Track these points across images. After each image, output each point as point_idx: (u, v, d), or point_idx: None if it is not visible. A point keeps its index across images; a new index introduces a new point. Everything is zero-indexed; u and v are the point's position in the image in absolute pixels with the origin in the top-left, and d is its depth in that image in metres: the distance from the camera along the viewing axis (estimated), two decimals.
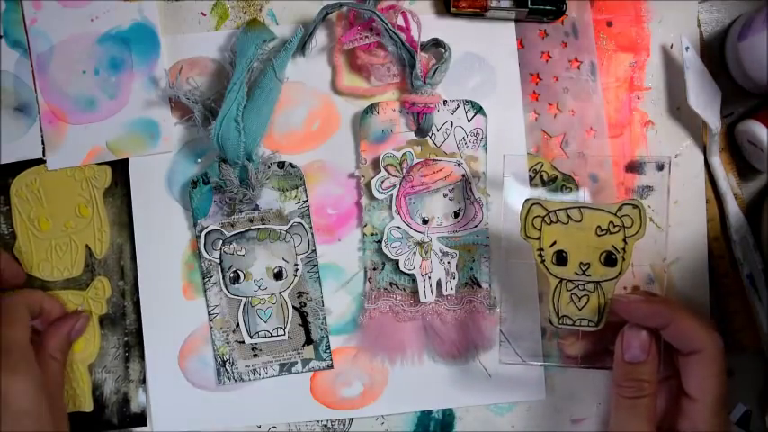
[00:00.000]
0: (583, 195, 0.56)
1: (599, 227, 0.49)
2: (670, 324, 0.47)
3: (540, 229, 0.49)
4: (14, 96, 0.59)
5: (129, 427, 0.60)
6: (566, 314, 0.50)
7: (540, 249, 0.49)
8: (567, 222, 0.49)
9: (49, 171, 0.59)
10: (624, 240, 0.49)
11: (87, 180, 0.59)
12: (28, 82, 0.59)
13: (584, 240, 0.49)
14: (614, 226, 0.49)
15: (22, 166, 0.59)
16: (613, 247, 0.49)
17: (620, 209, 0.49)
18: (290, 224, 0.58)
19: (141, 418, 0.60)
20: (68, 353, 0.58)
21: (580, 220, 0.49)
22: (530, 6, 0.57)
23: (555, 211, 0.49)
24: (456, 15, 0.58)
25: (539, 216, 0.49)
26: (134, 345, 0.60)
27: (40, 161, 0.59)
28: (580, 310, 0.49)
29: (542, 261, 0.50)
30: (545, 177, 0.59)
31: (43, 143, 0.59)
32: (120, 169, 0.59)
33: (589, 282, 0.49)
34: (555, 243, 0.49)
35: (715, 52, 0.60)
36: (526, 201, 0.49)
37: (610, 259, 0.49)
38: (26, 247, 0.60)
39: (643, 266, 0.59)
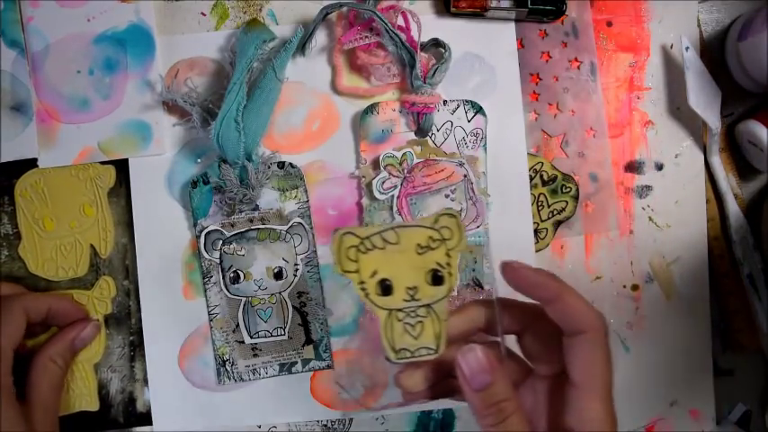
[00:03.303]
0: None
1: (419, 245, 0.44)
2: (557, 299, 0.43)
3: (357, 260, 0.44)
4: (11, 95, 0.59)
5: (135, 427, 0.60)
6: (403, 347, 0.44)
7: (362, 282, 0.44)
8: (384, 247, 0.44)
9: (54, 171, 0.59)
10: (447, 254, 0.44)
11: (92, 180, 0.59)
12: (25, 81, 0.59)
13: (407, 263, 0.44)
14: (434, 240, 0.44)
15: (25, 166, 0.59)
16: (437, 263, 0.44)
17: (436, 221, 0.44)
18: (290, 224, 0.58)
19: (147, 418, 0.60)
20: (72, 359, 0.58)
21: (397, 242, 0.44)
22: (530, 6, 0.57)
23: (369, 237, 0.44)
24: (456, 15, 0.58)
25: (353, 246, 0.44)
26: (139, 344, 0.60)
27: None
28: (416, 338, 0.44)
29: (366, 295, 0.44)
30: (545, 177, 0.59)
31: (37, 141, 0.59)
32: (124, 169, 0.59)
33: (420, 306, 0.44)
34: (376, 272, 0.44)
35: (715, 52, 0.60)
36: (335, 231, 0.45)
37: (436, 277, 0.44)
38: (31, 247, 0.59)
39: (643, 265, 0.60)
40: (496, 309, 0.45)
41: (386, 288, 0.44)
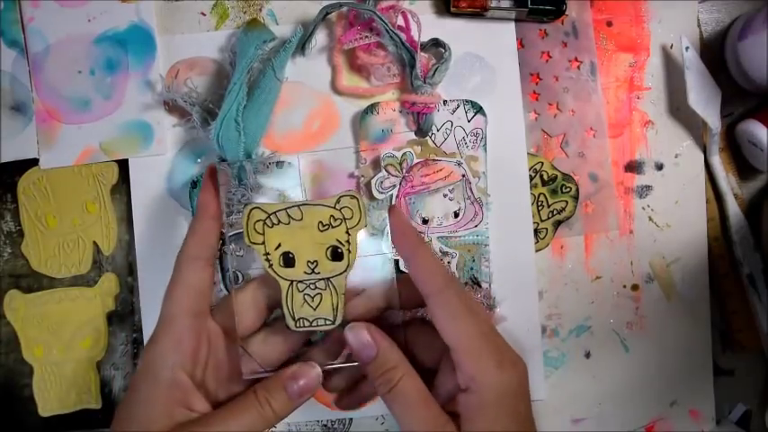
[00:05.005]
0: (303, 194, 0.54)
1: (320, 222, 0.48)
2: (413, 256, 0.45)
3: (264, 233, 0.48)
4: (11, 96, 0.59)
5: None
6: (302, 316, 0.48)
7: (267, 254, 0.48)
8: (289, 222, 0.48)
9: (56, 168, 0.59)
10: (347, 232, 0.48)
11: (94, 177, 0.59)
12: (24, 81, 0.59)
13: (309, 238, 0.48)
14: (335, 219, 0.48)
15: (27, 164, 0.59)
16: (338, 240, 0.48)
17: (338, 201, 0.48)
18: None
19: None
20: (285, 409, 0.47)
21: (301, 219, 0.48)
22: (530, 6, 0.57)
23: (275, 212, 0.48)
24: (456, 15, 0.58)
25: (260, 220, 0.48)
26: (142, 341, 0.60)
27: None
28: (315, 309, 0.48)
29: (270, 266, 0.48)
30: (545, 177, 0.59)
31: (37, 142, 0.59)
32: (126, 166, 0.59)
33: (320, 279, 0.48)
34: (280, 245, 0.48)
35: (715, 52, 0.60)
36: (245, 206, 0.48)
37: (336, 254, 0.48)
38: (34, 245, 0.60)
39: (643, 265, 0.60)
40: (394, 285, 0.48)
41: (288, 260, 0.48)
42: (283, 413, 0.47)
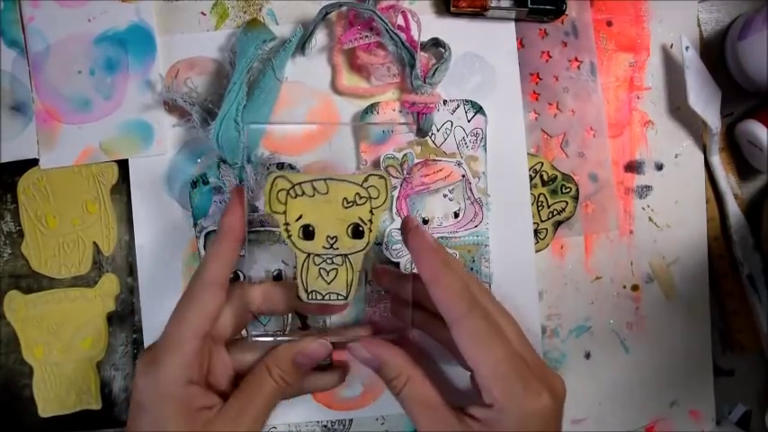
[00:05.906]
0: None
1: (345, 198, 0.47)
2: (435, 281, 0.45)
3: (286, 203, 0.47)
4: (11, 96, 0.59)
5: None
6: (314, 289, 0.48)
7: (287, 224, 0.47)
8: (314, 195, 0.47)
9: (56, 168, 0.59)
10: (371, 212, 0.48)
11: (94, 177, 0.59)
12: (25, 81, 0.59)
13: (331, 213, 0.47)
14: (361, 197, 0.47)
15: (27, 164, 0.59)
16: (360, 218, 0.47)
17: (366, 179, 0.47)
18: None
19: None
20: (294, 378, 0.49)
21: (326, 193, 0.47)
22: (530, 6, 0.57)
23: (300, 183, 0.47)
24: (456, 15, 0.58)
25: (283, 189, 0.47)
26: (142, 342, 0.60)
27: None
28: (329, 284, 0.48)
29: (289, 236, 0.47)
30: (545, 177, 0.59)
31: (37, 142, 0.59)
32: (126, 166, 0.59)
33: (337, 255, 0.48)
34: (301, 217, 0.47)
35: (715, 52, 0.60)
36: (270, 174, 0.47)
37: (357, 231, 0.47)
38: (34, 245, 0.60)
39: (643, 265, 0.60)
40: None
41: (308, 233, 0.47)
42: (297, 385, 0.50)
